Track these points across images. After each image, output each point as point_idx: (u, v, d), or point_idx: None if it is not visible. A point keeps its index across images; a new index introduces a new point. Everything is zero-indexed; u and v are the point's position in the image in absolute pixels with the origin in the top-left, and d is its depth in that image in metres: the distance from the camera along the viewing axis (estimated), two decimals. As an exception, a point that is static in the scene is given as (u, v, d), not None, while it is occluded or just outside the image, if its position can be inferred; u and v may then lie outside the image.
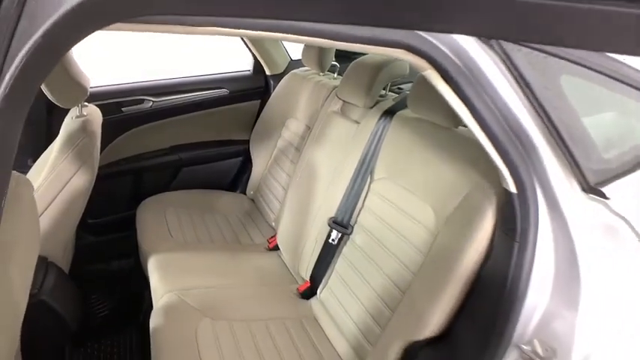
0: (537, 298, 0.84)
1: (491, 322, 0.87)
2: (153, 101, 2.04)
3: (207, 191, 2.18)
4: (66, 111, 1.51)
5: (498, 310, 0.86)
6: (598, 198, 0.78)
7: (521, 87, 0.72)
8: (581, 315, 0.80)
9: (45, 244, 1.33)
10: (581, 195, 0.78)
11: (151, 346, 1.23)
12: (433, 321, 0.98)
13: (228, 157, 2.30)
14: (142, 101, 2.01)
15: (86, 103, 1.50)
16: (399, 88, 1.63)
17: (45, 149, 1.56)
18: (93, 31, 0.40)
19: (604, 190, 0.78)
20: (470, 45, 0.71)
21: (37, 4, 0.37)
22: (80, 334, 1.51)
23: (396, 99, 1.48)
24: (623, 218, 0.78)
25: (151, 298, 1.48)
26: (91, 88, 1.41)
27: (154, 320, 1.29)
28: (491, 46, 0.71)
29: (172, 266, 1.54)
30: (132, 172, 2.08)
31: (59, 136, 1.44)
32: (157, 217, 1.87)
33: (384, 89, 1.58)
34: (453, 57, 0.71)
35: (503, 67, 0.72)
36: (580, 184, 0.78)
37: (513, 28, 0.35)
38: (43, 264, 1.35)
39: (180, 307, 1.33)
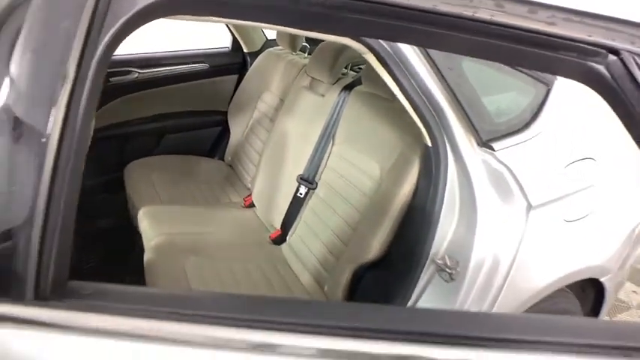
0: (447, 225, 1.14)
1: (414, 244, 1.18)
2: (139, 72, 2.23)
3: (188, 157, 2.41)
4: None
5: (419, 235, 1.16)
6: (489, 150, 1.08)
7: (432, 68, 1.01)
8: (477, 235, 1.11)
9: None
10: (477, 148, 1.08)
11: (146, 279, 1.48)
12: (375, 247, 1.28)
13: (207, 126, 2.53)
14: (129, 72, 2.20)
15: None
16: (359, 68, 1.89)
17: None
18: (147, 23, 0.65)
19: (493, 145, 1.09)
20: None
21: (118, 6, 0.62)
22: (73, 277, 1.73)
23: (355, 77, 1.75)
24: (505, 165, 1.09)
25: (140, 246, 1.72)
26: None
27: (148, 257, 1.54)
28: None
29: (160, 216, 1.78)
30: (118, 137, 2.28)
31: None
32: (144, 178, 2.10)
33: (345, 68, 1.85)
34: (386, 45, 0.98)
35: (420, 53, 1.00)
36: (476, 140, 1.08)
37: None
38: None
39: (169, 247, 1.59)
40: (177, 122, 2.41)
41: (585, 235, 1.26)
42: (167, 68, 2.31)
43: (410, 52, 0.99)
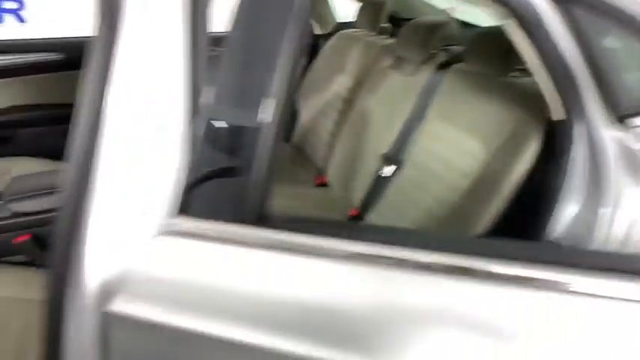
0: (569, 203, 1.10)
1: (528, 223, 1.14)
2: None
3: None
4: None
5: (535, 213, 1.13)
6: (624, 127, 1.04)
7: (576, 37, 0.97)
8: (602, 216, 1.06)
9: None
10: (612, 124, 1.04)
11: None
12: (480, 225, 1.25)
13: (273, 107, 2.53)
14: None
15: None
16: (446, 49, 1.86)
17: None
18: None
19: (630, 121, 1.04)
20: (543, 3, 0.95)
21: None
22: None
23: (447, 55, 1.72)
24: (640, 143, 1.04)
25: None
26: None
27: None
28: (558, 5, 0.95)
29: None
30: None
31: None
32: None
33: (434, 48, 1.81)
34: (531, 11, 0.95)
35: (565, 21, 0.96)
36: (612, 115, 1.03)
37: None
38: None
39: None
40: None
41: None
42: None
43: (555, 18, 0.95)
